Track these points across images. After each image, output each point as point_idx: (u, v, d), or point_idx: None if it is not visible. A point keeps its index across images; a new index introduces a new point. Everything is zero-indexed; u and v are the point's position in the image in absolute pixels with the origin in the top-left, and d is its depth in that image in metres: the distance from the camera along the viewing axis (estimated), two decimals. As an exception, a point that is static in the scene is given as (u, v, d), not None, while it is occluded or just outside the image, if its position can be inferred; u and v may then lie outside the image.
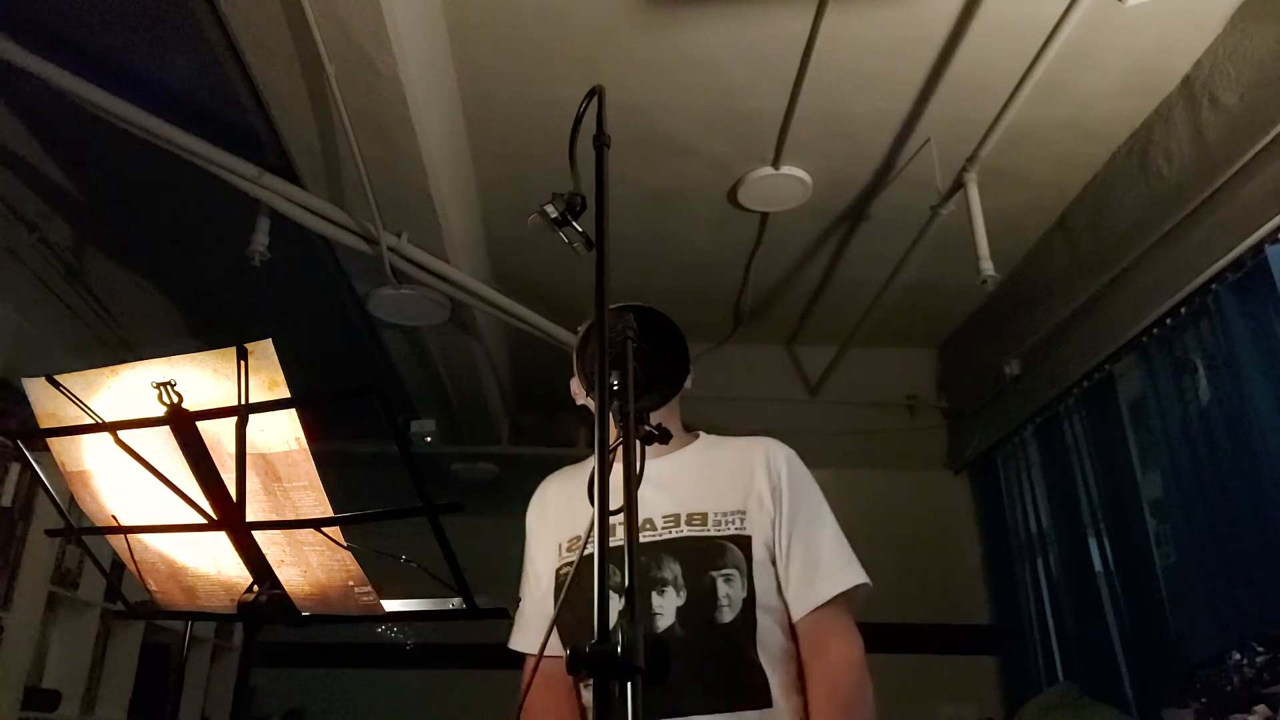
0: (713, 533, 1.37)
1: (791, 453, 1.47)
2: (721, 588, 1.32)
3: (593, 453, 1.54)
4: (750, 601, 1.33)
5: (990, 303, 4.02)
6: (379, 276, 2.97)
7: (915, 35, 2.52)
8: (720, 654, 1.31)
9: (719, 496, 1.40)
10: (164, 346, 0.91)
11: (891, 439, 4.42)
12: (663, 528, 1.37)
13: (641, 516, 1.38)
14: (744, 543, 1.36)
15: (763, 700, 1.29)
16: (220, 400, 0.88)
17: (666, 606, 1.32)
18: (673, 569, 1.34)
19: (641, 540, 1.36)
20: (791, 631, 1.37)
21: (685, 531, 1.37)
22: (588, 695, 1.34)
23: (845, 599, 1.37)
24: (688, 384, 1.55)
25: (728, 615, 1.32)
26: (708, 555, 1.35)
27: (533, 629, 1.48)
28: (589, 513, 1.40)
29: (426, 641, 4.68)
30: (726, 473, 1.45)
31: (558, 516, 1.51)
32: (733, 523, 1.38)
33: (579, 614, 1.34)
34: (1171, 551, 2.91)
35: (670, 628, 1.31)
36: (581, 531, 1.41)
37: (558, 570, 1.44)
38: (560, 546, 1.46)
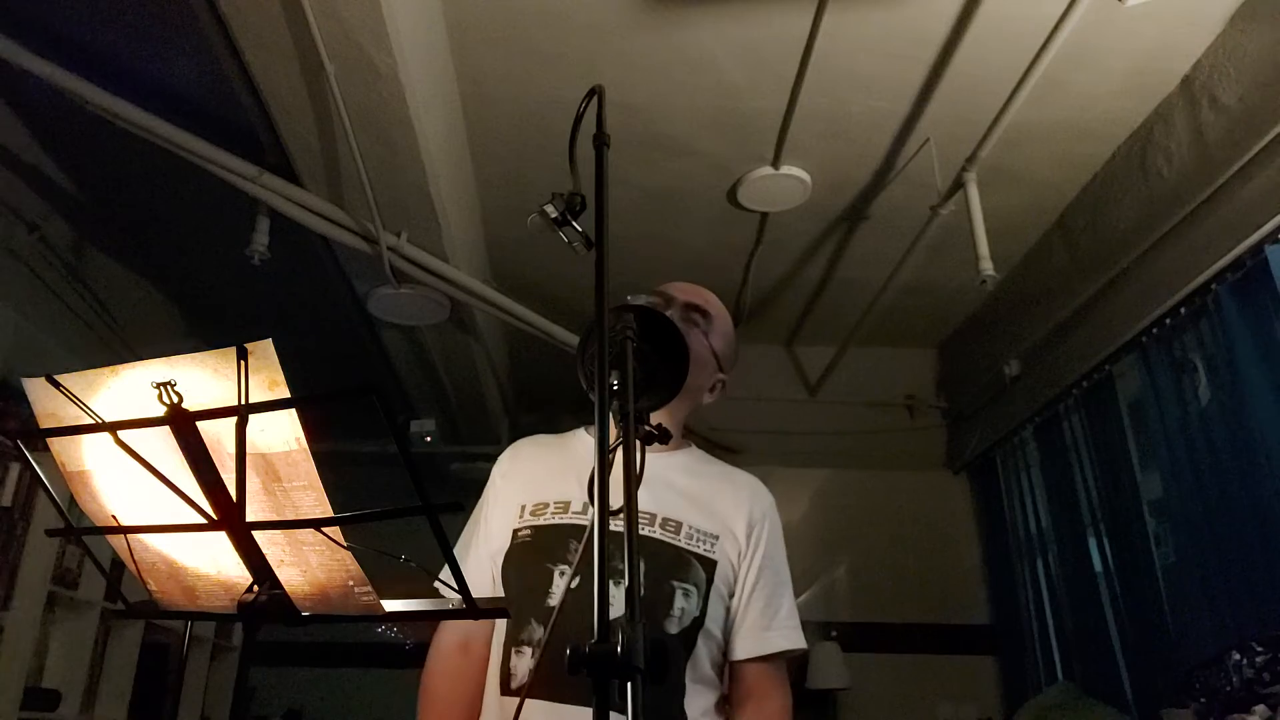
0: (683, 544, 1.36)
1: (773, 501, 1.50)
2: (679, 600, 1.32)
3: (574, 427, 1.53)
4: (699, 622, 1.33)
5: (990, 303, 4.02)
6: (378, 276, 2.97)
7: (915, 35, 2.53)
8: None
9: (697, 512, 1.40)
10: (164, 346, 0.91)
11: (891, 439, 4.42)
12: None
13: (617, 503, 1.37)
14: (709, 566, 1.36)
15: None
16: (220, 400, 0.87)
17: (619, 598, 1.31)
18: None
19: (610, 528, 1.35)
20: (720, 667, 1.39)
21: (657, 533, 1.36)
22: (518, 661, 1.32)
23: (784, 656, 1.42)
24: (708, 399, 1.53)
25: (674, 628, 1.31)
26: (674, 563, 1.34)
27: (471, 583, 1.45)
28: (562, 483, 1.40)
29: (426, 641, 4.67)
30: (710, 493, 1.45)
31: (526, 479, 1.48)
32: (704, 543, 1.38)
33: (527, 583, 1.34)
34: (1171, 551, 2.91)
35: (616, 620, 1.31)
36: (550, 499, 1.40)
37: (515, 531, 1.41)
38: (524, 508, 1.43)
